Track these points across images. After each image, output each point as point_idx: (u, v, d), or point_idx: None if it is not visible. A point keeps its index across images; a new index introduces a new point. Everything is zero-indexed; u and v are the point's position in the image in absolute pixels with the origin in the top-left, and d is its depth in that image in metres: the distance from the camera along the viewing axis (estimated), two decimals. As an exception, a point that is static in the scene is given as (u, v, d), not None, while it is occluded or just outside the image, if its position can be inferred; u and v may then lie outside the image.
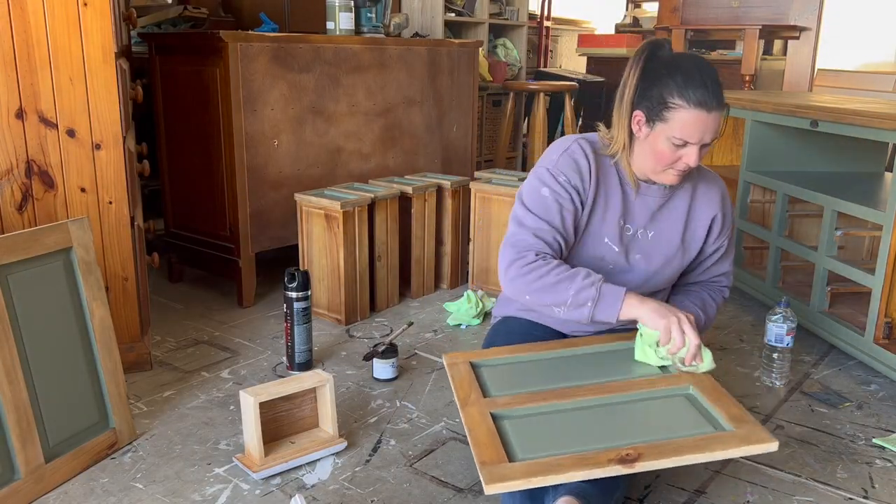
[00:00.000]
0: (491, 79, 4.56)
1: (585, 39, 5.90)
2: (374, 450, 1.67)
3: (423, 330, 2.42)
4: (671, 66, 1.44)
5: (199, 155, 2.60)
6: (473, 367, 1.49)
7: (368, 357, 2.08)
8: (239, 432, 1.73)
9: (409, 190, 2.63)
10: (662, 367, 1.47)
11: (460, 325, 2.48)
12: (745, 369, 2.18)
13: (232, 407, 1.87)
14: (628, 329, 1.56)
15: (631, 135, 1.52)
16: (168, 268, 2.86)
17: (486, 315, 2.53)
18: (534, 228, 1.51)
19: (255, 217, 2.55)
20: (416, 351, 2.23)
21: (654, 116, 1.45)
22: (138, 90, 2.12)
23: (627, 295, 1.43)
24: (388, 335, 2.31)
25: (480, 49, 3.79)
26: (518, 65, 4.90)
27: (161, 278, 2.87)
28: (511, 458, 1.15)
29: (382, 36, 3.02)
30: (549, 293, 1.46)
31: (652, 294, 1.65)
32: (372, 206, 2.48)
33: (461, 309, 2.52)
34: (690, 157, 1.44)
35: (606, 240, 1.58)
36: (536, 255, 1.49)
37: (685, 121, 1.41)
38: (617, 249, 1.59)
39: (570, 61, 6.34)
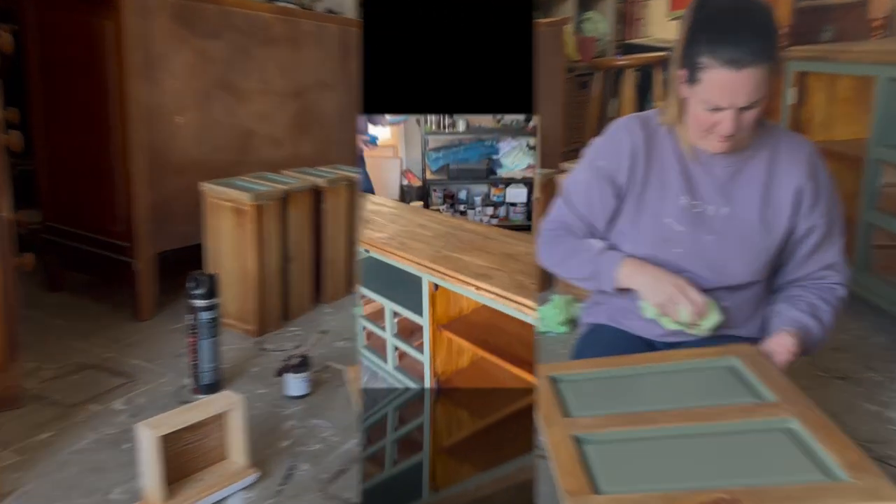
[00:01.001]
0: (579, 58, 4.29)
1: (679, 1, 5.27)
2: (286, 478, 1.60)
3: (336, 339, 2.32)
4: (711, 19, 1.34)
5: (84, 128, 2.34)
6: (552, 381, 1.42)
7: (280, 373, 2.00)
8: (136, 476, 1.55)
9: (322, 183, 2.49)
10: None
11: (548, 332, 2.37)
12: (875, 406, 1.90)
13: (126, 445, 1.68)
14: (720, 339, 1.45)
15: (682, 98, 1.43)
16: (45, 272, 2.59)
17: (574, 322, 2.37)
18: (561, 214, 1.60)
19: (154, 209, 2.33)
20: (328, 363, 2.13)
21: (691, 77, 1.36)
22: (4, 36, 1.81)
23: (625, 262, 1.45)
24: (299, 347, 2.23)
25: (566, 27, 3.69)
26: (607, 38, 4.58)
27: (36, 286, 2.60)
28: (595, 489, 1.08)
29: (296, 7, 2.90)
30: (564, 263, 1.55)
31: (738, 291, 1.50)
32: (285, 201, 2.33)
33: (548, 315, 2.40)
34: (724, 123, 1.34)
35: (667, 220, 1.46)
36: (553, 230, 1.58)
37: (713, 82, 1.31)
38: (681, 229, 1.46)
39: (663, 29, 5.70)
